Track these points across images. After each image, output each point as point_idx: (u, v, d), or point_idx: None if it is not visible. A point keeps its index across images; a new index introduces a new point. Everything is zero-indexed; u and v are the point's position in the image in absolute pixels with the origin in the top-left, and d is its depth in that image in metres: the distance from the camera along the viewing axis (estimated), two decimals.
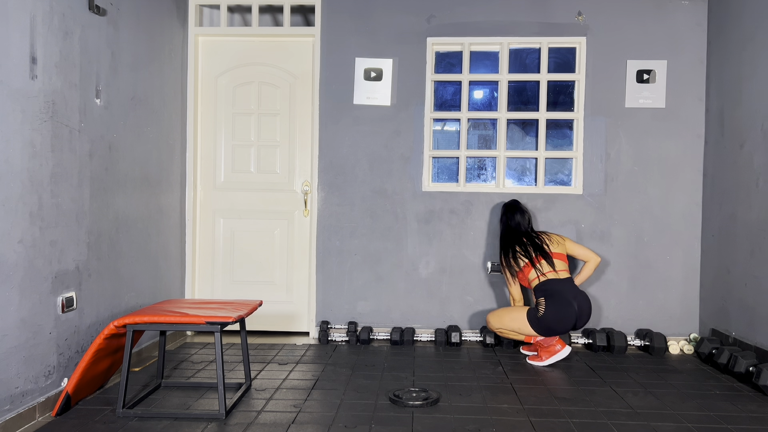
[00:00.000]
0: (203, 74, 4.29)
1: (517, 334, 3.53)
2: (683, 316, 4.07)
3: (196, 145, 4.26)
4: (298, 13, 4.68)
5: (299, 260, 4.29)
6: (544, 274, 3.51)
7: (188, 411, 2.65)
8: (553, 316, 3.39)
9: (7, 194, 2.39)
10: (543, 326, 3.41)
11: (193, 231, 4.24)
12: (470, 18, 4.13)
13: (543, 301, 3.43)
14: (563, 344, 3.51)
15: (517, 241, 3.64)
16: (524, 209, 3.79)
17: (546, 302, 3.42)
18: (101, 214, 3.09)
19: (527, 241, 3.61)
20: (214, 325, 2.60)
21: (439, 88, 4.23)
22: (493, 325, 3.61)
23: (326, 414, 2.68)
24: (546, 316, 3.39)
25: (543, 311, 3.41)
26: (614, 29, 4.08)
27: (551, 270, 3.52)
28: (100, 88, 3.06)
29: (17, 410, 2.45)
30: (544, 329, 3.42)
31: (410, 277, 4.17)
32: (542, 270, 3.52)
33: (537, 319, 3.42)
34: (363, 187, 4.17)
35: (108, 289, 3.17)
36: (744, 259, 3.52)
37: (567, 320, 3.39)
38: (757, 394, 3.04)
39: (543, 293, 3.46)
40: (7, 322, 2.40)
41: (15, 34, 2.43)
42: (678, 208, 4.07)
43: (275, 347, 3.92)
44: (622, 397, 2.95)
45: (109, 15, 3.14)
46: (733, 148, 3.68)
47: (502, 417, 2.65)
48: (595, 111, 4.09)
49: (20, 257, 2.46)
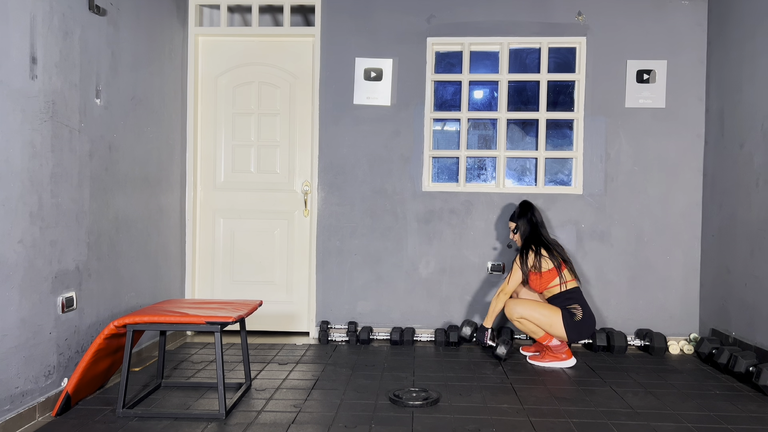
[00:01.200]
0: (203, 74, 4.29)
1: (538, 329, 3.50)
2: (683, 316, 4.07)
3: (196, 145, 4.26)
4: (298, 13, 4.68)
5: (299, 260, 4.29)
6: (566, 282, 3.52)
7: (188, 411, 2.65)
8: (589, 322, 3.46)
9: (7, 194, 2.39)
10: (577, 330, 3.44)
11: (193, 231, 4.24)
12: (470, 18, 4.13)
13: (579, 306, 3.47)
14: (570, 355, 3.52)
15: (542, 244, 3.58)
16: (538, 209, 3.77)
17: (582, 309, 3.47)
18: (101, 214, 3.09)
19: (554, 247, 3.59)
20: (214, 325, 2.60)
21: (439, 88, 4.23)
22: (519, 312, 3.49)
23: (326, 414, 2.68)
24: (584, 321, 3.45)
25: (581, 316, 3.44)
26: (614, 29, 4.08)
27: (573, 279, 3.56)
28: (100, 88, 3.06)
29: (17, 410, 2.45)
30: (576, 333, 3.45)
31: (410, 277, 4.17)
32: (566, 278, 3.53)
33: (574, 323, 3.43)
34: (363, 187, 4.17)
35: (108, 289, 3.17)
36: (744, 259, 3.52)
37: (593, 327, 3.51)
38: (757, 394, 3.04)
39: (573, 300, 3.49)
40: (7, 322, 2.40)
41: (15, 34, 2.43)
42: (678, 208, 4.07)
43: (275, 347, 3.92)
44: (622, 397, 2.95)
45: (109, 15, 3.14)
46: (733, 148, 3.68)
47: (502, 417, 2.65)
48: (595, 111, 4.09)
49: (20, 257, 2.46)
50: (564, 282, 3.52)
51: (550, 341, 3.51)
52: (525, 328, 3.54)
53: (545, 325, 3.47)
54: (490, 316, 3.61)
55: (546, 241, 3.60)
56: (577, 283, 3.58)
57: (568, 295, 3.50)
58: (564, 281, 3.52)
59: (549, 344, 3.52)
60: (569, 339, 3.46)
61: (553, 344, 3.51)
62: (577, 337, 3.46)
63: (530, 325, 3.51)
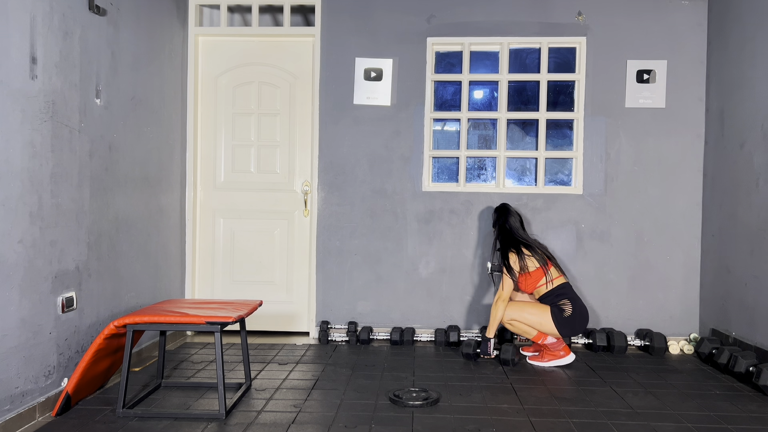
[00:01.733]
0: (203, 74, 4.29)
1: (530, 329, 3.50)
2: (683, 316, 4.07)
3: (196, 145, 4.26)
4: (298, 13, 4.68)
5: (299, 260, 4.29)
6: (552, 280, 3.52)
7: (188, 411, 2.65)
8: (579, 317, 3.44)
9: (7, 194, 2.39)
10: (569, 326, 3.43)
11: (193, 231, 4.24)
12: (470, 18, 4.13)
13: (567, 302, 3.46)
14: (568, 351, 3.52)
15: (522, 244, 3.59)
16: (515, 212, 3.77)
17: (571, 304, 3.45)
18: (101, 214, 3.09)
19: (536, 246, 3.59)
20: (214, 325, 2.60)
21: (439, 88, 4.23)
22: (508, 314, 3.51)
23: (326, 414, 2.68)
24: (574, 317, 3.43)
25: (570, 312, 3.43)
26: (614, 29, 4.08)
27: (560, 275, 3.55)
28: (100, 88, 3.06)
29: (17, 410, 2.45)
30: (568, 328, 3.43)
31: (410, 277, 4.17)
32: (552, 276, 3.53)
33: (564, 320, 3.42)
34: (363, 187, 4.17)
35: (108, 289, 3.17)
36: (744, 259, 3.52)
37: (586, 321, 3.48)
38: (757, 394, 3.04)
39: (563, 296, 3.48)
40: (7, 322, 2.40)
41: (15, 34, 2.43)
42: (678, 208, 4.07)
43: (275, 347, 3.92)
44: (622, 397, 2.95)
45: (109, 15, 3.14)
46: (733, 148, 3.68)
47: (502, 417, 2.65)
48: (595, 111, 4.09)
49: (20, 257, 2.46)
50: (550, 280, 3.51)
51: (545, 339, 3.51)
52: (517, 329, 3.54)
53: (536, 324, 3.47)
54: (492, 326, 3.57)
55: (525, 240, 3.60)
56: (565, 278, 3.57)
57: (558, 292, 3.50)
58: (550, 279, 3.51)
59: (545, 342, 3.52)
60: (562, 335, 3.46)
61: (549, 342, 3.51)
62: (570, 332, 3.44)
63: (521, 326, 3.52)
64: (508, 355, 3.48)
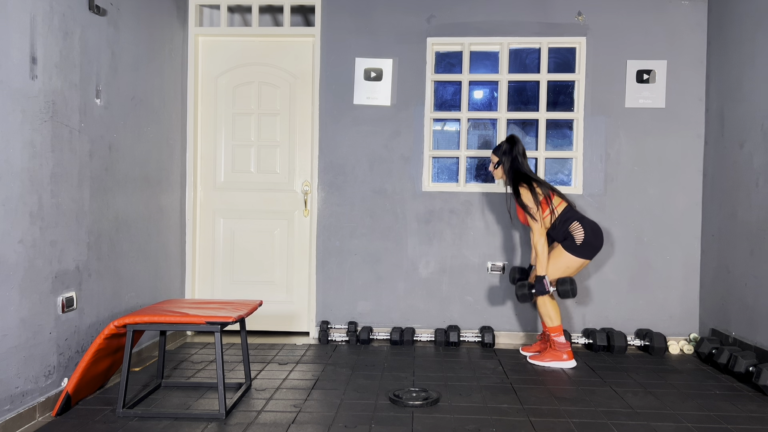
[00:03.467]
0: (203, 74, 4.29)
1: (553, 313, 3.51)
2: (683, 316, 4.07)
3: (196, 145, 4.26)
4: (298, 13, 4.68)
5: (299, 260, 4.29)
6: (555, 208, 3.52)
7: (188, 411, 2.65)
8: (592, 233, 3.46)
9: (7, 194, 2.39)
10: (588, 247, 3.46)
11: (193, 231, 4.24)
12: (470, 18, 4.13)
13: (576, 223, 3.48)
14: (571, 356, 3.52)
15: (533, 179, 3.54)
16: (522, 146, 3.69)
17: (579, 223, 3.48)
18: (101, 214, 3.09)
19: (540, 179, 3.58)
20: (214, 325, 2.60)
21: (439, 88, 4.23)
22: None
23: (326, 414, 2.68)
24: (586, 236, 3.45)
25: (582, 233, 3.45)
26: (614, 29, 4.08)
27: (561, 202, 3.55)
28: (100, 88, 3.06)
29: (17, 410, 2.46)
30: (589, 249, 3.46)
31: (410, 277, 4.17)
32: (554, 204, 3.53)
33: (580, 246, 3.45)
34: (363, 187, 4.17)
35: (108, 289, 3.17)
36: (744, 259, 3.52)
37: (601, 234, 3.50)
38: (757, 394, 3.04)
39: (570, 220, 3.49)
40: (7, 322, 2.40)
41: (15, 34, 2.43)
42: (678, 208, 4.07)
43: (275, 347, 3.92)
44: (622, 397, 2.95)
45: (109, 15, 3.14)
46: (733, 148, 3.68)
47: (502, 417, 2.65)
48: (595, 111, 4.09)
49: (20, 257, 2.46)
50: (553, 209, 3.50)
51: (558, 335, 3.51)
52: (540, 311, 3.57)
53: (562, 270, 3.49)
54: (542, 263, 3.48)
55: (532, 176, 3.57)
56: (566, 202, 3.56)
57: (563, 218, 3.50)
58: (553, 208, 3.51)
59: (555, 339, 3.51)
60: (587, 257, 3.47)
61: (559, 340, 3.51)
62: (591, 251, 3.47)
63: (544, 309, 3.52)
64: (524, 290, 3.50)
